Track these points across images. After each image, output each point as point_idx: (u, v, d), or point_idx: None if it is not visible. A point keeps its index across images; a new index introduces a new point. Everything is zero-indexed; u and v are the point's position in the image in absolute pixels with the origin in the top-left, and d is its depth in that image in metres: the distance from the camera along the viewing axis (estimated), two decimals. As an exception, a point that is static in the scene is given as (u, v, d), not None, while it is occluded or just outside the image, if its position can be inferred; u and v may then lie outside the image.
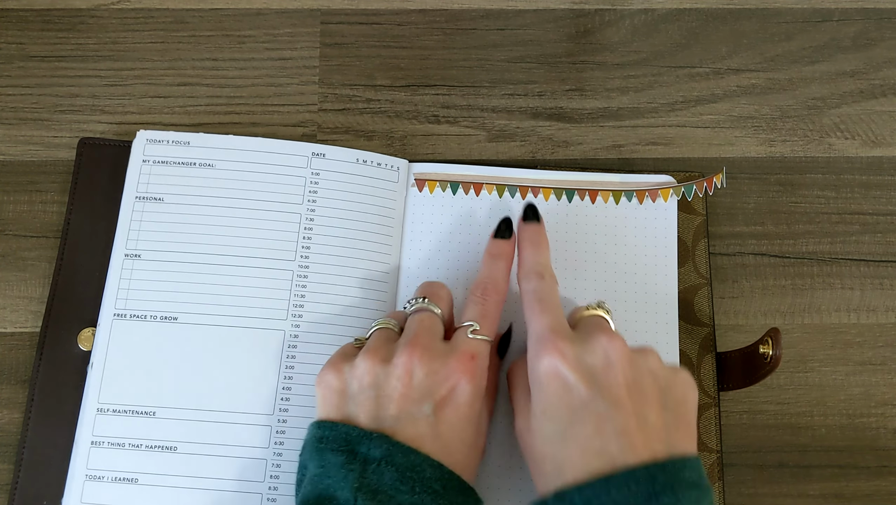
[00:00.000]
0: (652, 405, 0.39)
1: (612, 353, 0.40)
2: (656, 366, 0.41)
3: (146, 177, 0.50)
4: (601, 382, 0.39)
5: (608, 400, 0.39)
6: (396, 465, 0.38)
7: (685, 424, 0.40)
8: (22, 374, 0.50)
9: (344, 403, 0.41)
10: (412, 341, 0.42)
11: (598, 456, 0.38)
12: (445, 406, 0.41)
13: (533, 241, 0.46)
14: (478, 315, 0.44)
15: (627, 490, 0.36)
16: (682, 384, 0.41)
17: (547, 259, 0.46)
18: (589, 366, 0.40)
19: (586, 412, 0.39)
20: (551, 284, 0.44)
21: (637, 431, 0.38)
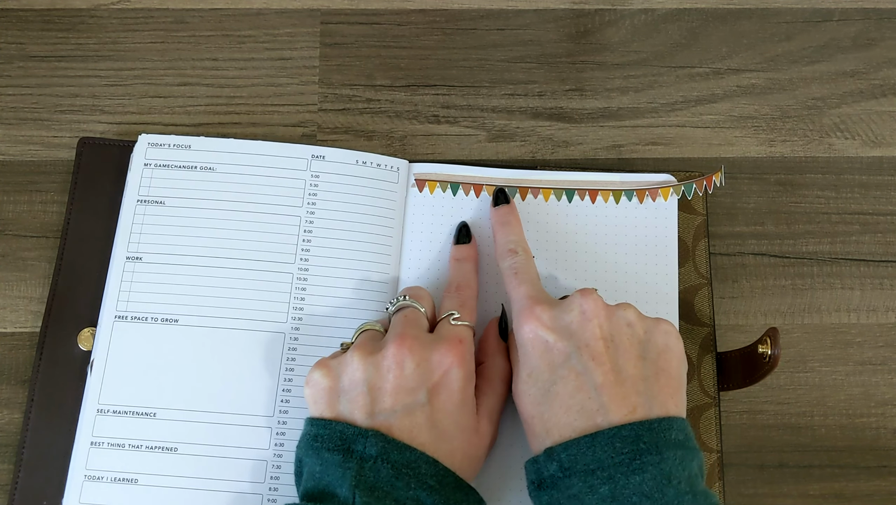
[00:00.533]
0: (629, 356, 0.40)
1: (588, 308, 0.41)
2: (634, 318, 0.42)
3: (147, 180, 0.50)
4: (578, 337, 0.40)
5: (586, 355, 0.40)
6: (392, 462, 0.38)
7: (666, 375, 0.40)
8: (22, 374, 0.50)
9: (335, 401, 0.41)
10: (400, 334, 0.42)
11: (580, 413, 0.39)
12: (439, 392, 0.41)
13: (504, 222, 0.48)
14: (456, 305, 0.45)
15: (612, 448, 0.37)
16: (663, 334, 0.42)
17: (519, 236, 0.48)
18: (566, 324, 0.41)
19: (566, 369, 0.40)
20: (525, 258, 0.46)
21: (615, 384, 0.39)
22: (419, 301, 0.45)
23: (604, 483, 0.37)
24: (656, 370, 0.40)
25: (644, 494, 0.36)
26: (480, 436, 0.43)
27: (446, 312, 0.44)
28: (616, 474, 0.37)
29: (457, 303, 0.45)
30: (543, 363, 0.41)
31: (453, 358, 0.42)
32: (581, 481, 0.37)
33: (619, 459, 0.37)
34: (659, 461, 0.37)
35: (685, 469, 0.37)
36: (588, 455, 0.38)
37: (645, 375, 0.40)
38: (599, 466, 0.37)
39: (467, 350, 0.43)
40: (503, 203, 0.50)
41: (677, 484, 0.37)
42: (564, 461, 0.38)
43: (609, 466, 0.37)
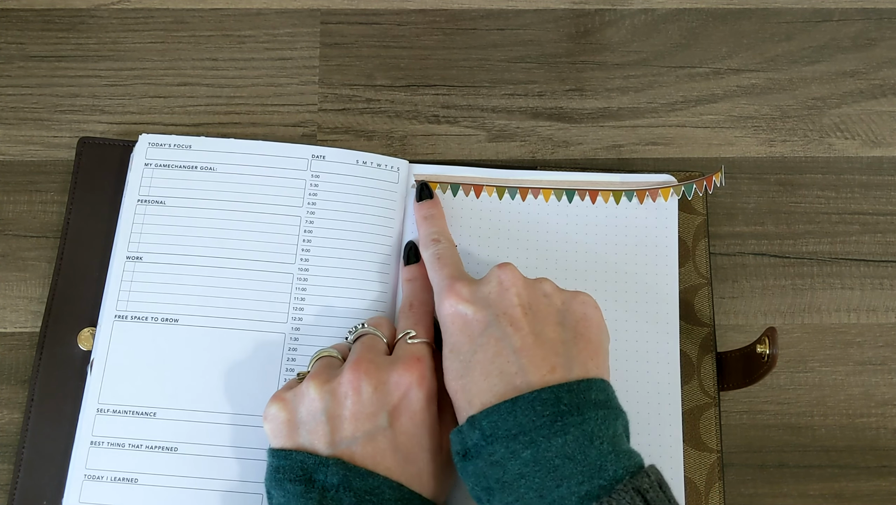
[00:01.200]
0: (548, 322, 0.40)
1: (506, 278, 0.42)
2: (551, 289, 0.42)
3: (148, 180, 0.50)
4: (496, 306, 0.41)
5: (505, 321, 0.40)
6: (354, 489, 0.38)
7: (584, 339, 0.40)
8: (22, 374, 0.50)
9: (294, 432, 0.40)
10: (356, 359, 0.42)
11: (500, 377, 0.39)
12: (401, 414, 0.41)
13: (427, 216, 0.49)
14: (411, 324, 0.45)
15: (533, 412, 0.37)
16: (581, 304, 0.42)
17: (443, 228, 0.49)
18: (484, 295, 0.42)
19: (484, 337, 0.40)
20: (448, 246, 0.47)
21: (534, 346, 0.39)
22: (378, 328, 0.45)
23: (526, 447, 0.36)
24: (575, 335, 0.40)
25: (566, 456, 0.36)
26: (447, 454, 0.42)
27: (402, 332, 0.44)
28: (538, 438, 0.36)
29: (412, 321, 0.45)
30: (464, 336, 0.41)
31: (411, 378, 0.41)
32: (503, 447, 0.37)
33: (541, 421, 0.37)
34: (581, 422, 0.37)
35: (608, 428, 0.37)
36: (509, 420, 0.37)
37: (564, 338, 0.40)
38: (521, 430, 0.37)
39: (426, 368, 0.42)
40: (427, 198, 0.50)
41: (599, 444, 0.36)
42: (486, 428, 0.38)
43: (531, 430, 0.37)
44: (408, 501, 0.39)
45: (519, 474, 0.36)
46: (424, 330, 0.45)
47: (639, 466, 0.37)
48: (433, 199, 0.50)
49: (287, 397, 0.41)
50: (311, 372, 0.43)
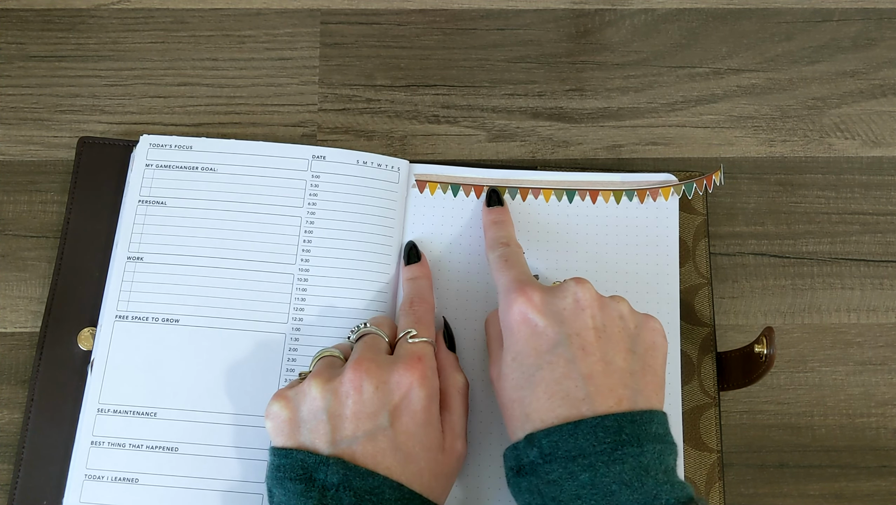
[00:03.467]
0: (619, 349, 0.40)
1: (582, 297, 0.41)
2: (626, 311, 0.42)
3: (149, 180, 0.50)
4: (569, 325, 0.40)
5: (576, 344, 0.40)
6: (354, 489, 0.38)
7: (652, 371, 0.41)
8: (22, 374, 0.50)
9: (296, 431, 0.41)
10: (357, 359, 0.42)
11: (564, 400, 0.39)
12: (402, 414, 0.41)
13: (496, 221, 0.49)
14: (412, 322, 0.45)
15: (594, 438, 0.37)
16: (651, 331, 0.42)
17: (511, 233, 0.48)
18: (558, 310, 0.41)
19: (554, 356, 0.40)
20: (516, 250, 0.46)
21: (603, 375, 0.39)
22: (380, 327, 0.45)
23: (584, 470, 0.37)
24: (643, 365, 0.40)
25: (623, 483, 0.36)
26: (447, 453, 0.42)
27: (403, 331, 0.44)
28: (597, 463, 0.37)
29: (412, 319, 0.45)
30: (529, 347, 0.41)
31: (413, 377, 0.41)
32: (561, 468, 0.37)
33: (601, 448, 0.37)
34: (639, 453, 0.37)
35: (662, 463, 0.38)
36: (570, 442, 0.37)
37: (632, 368, 0.40)
38: (580, 453, 0.37)
39: (427, 367, 0.42)
40: (496, 204, 0.50)
41: (655, 474, 0.37)
42: (545, 447, 0.38)
43: (590, 455, 0.37)
44: (408, 500, 0.39)
45: (575, 495, 0.37)
46: (426, 330, 0.45)
47: (689, 497, 0.37)
48: (503, 206, 0.50)
49: (289, 396, 0.41)
50: (312, 371, 0.43)
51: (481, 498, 0.46)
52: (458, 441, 0.43)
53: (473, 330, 0.49)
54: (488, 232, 0.49)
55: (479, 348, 0.48)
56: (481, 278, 0.50)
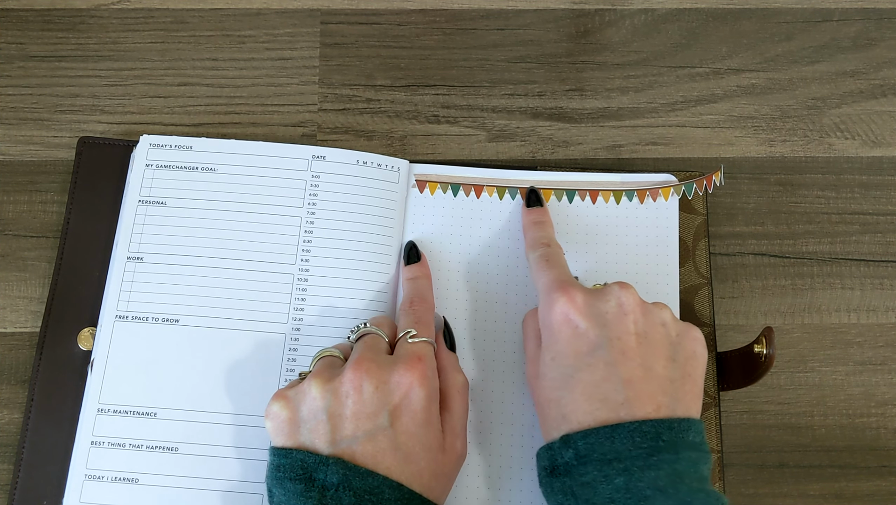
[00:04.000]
0: (660, 357, 0.40)
1: (626, 301, 0.41)
2: (669, 318, 0.42)
3: (149, 180, 0.50)
4: (612, 329, 0.40)
5: (617, 348, 0.40)
6: (354, 489, 0.38)
7: (691, 380, 0.40)
8: (22, 374, 0.50)
9: (296, 431, 0.41)
10: (357, 359, 0.42)
11: (603, 403, 0.39)
12: (401, 414, 0.41)
13: (537, 221, 0.49)
14: (412, 322, 0.45)
15: (631, 442, 0.37)
16: (692, 340, 0.42)
17: (551, 234, 0.48)
18: (601, 313, 0.41)
19: (594, 358, 0.40)
20: (557, 250, 0.46)
21: (642, 381, 0.39)
22: (380, 327, 0.45)
23: (619, 474, 0.37)
24: (683, 374, 0.40)
25: (658, 489, 0.36)
26: (447, 453, 0.42)
27: (403, 331, 0.44)
28: (632, 467, 0.37)
29: (412, 319, 0.45)
30: (570, 348, 0.41)
31: (412, 377, 0.41)
32: (596, 470, 0.37)
33: (637, 452, 0.37)
34: (674, 460, 0.37)
35: (696, 471, 0.38)
36: (606, 445, 0.38)
37: (672, 376, 0.40)
38: (616, 456, 0.37)
39: (427, 367, 0.42)
40: (536, 205, 0.50)
41: (689, 482, 0.37)
42: (581, 449, 0.38)
43: (626, 459, 0.37)
44: (408, 500, 0.39)
45: (609, 499, 0.37)
46: (426, 330, 0.45)
47: None
48: (543, 207, 0.50)
49: (289, 395, 0.41)
50: (312, 371, 0.43)
51: (481, 498, 0.46)
52: (458, 441, 0.43)
53: (473, 330, 0.49)
54: (528, 232, 0.49)
55: (480, 348, 0.48)
56: (481, 278, 0.50)
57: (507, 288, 0.50)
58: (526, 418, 0.47)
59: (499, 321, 0.49)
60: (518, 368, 0.48)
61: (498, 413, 0.47)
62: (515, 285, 0.50)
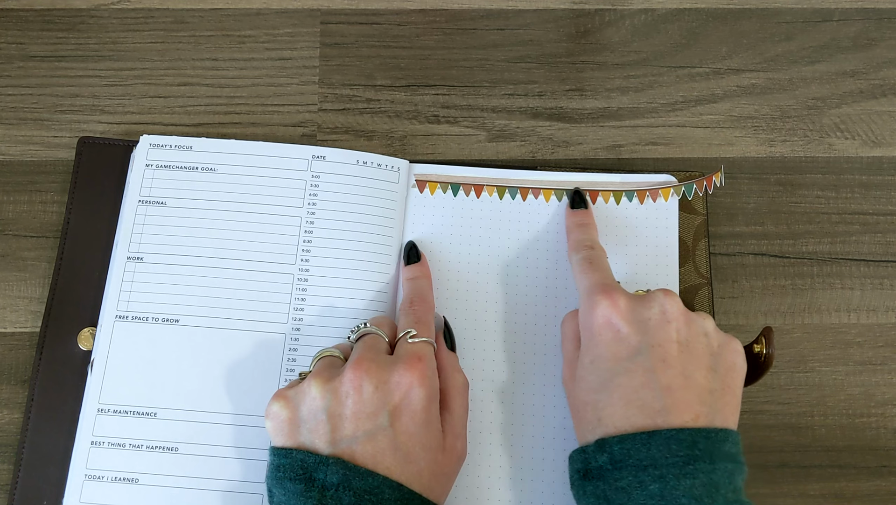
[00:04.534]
0: (700, 366, 0.40)
1: (669, 309, 0.41)
2: (711, 329, 0.42)
3: (149, 181, 0.50)
4: (653, 335, 0.40)
5: (657, 355, 0.39)
6: (354, 489, 0.38)
7: (730, 392, 0.40)
8: (22, 374, 0.50)
9: (296, 431, 0.41)
10: (357, 358, 0.42)
11: (640, 409, 0.39)
12: (401, 414, 0.41)
13: (581, 224, 0.49)
14: (412, 322, 0.45)
15: (667, 449, 0.37)
16: (732, 352, 0.42)
17: (595, 237, 0.48)
18: (643, 319, 0.41)
19: (634, 364, 0.39)
20: (601, 253, 0.46)
21: (682, 389, 0.39)
22: (380, 327, 0.45)
23: (655, 481, 0.37)
24: (723, 385, 0.40)
25: (694, 498, 0.36)
26: (447, 454, 0.42)
27: (403, 331, 0.44)
28: (668, 474, 0.37)
29: (412, 319, 0.45)
30: (609, 351, 0.41)
31: (412, 377, 0.41)
32: (631, 476, 0.37)
33: (673, 460, 0.37)
34: (711, 470, 0.37)
35: (732, 482, 0.38)
36: (642, 451, 0.37)
37: (712, 387, 0.40)
38: (652, 463, 0.37)
39: (427, 367, 0.42)
40: (581, 207, 0.50)
41: (724, 493, 0.37)
42: (616, 454, 0.38)
43: (662, 466, 0.37)
44: (407, 500, 0.39)
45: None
46: (426, 330, 0.45)
47: None
48: (587, 208, 0.50)
49: (289, 395, 0.41)
50: (312, 371, 0.43)
51: (481, 498, 0.46)
52: (458, 441, 0.43)
53: (474, 330, 0.49)
54: (572, 234, 0.49)
55: (480, 348, 0.48)
56: (481, 278, 0.50)
57: (507, 287, 0.50)
58: (526, 418, 0.47)
59: (499, 321, 0.49)
60: (518, 367, 0.48)
61: (496, 414, 0.47)
62: (515, 285, 0.50)
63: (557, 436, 0.47)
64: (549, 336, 0.49)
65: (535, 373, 0.48)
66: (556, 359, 0.48)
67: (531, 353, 0.48)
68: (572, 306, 0.49)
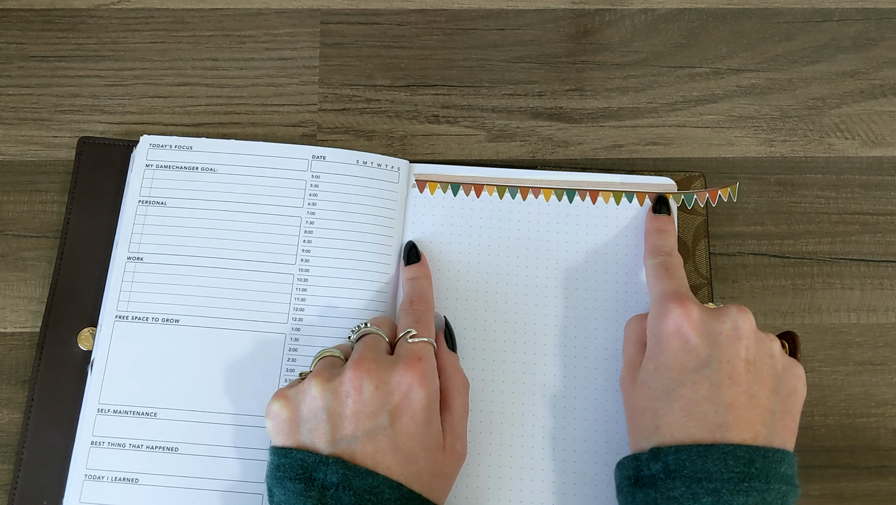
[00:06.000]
0: (764, 386, 0.40)
1: (742, 325, 0.41)
2: (777, 351, 0.42)
3: (149, 181, 0.50)
4: (723, 350, 0.40)
5: (725, 371, 0.39)
6: (354, 489, 0.38)
7: (790, 415, 0.40)
8: (22, 374, 0.50)
9: (296, 430, 0.41)
10: (357, 358, 0.41)
11: (701, 422, 0.39)
12: (402, 414, 0.41)
13: (660, 229, 0.49)
14: (412, 322, 0.45)
15: (724, 464, 0.37)
16: (795, 377, 0.42)
17: (674, 243, 0.48)
18: (714, 332, 0.41)
19: (700, 376, 0.39)
20: (677, 261, 0.46)
21: (745, 407, 0.39)
22: (380, 327, 0.45)
23: (708, 494, 0.37)
24: (784, 408, 0.40)
25: None
26: (448, 454, 0.42)
27: (403, 331, 0.44)
28: (722, 489, 0.37)
29: (412, 319, 0.45)
30: (676, 361, 0.41)
31: (413, 377, 0.41)
32: (684, 487, 0.37)
33: (729, 476, 0.37)
34: (765, 490, 0.37)
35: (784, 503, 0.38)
36: (698, 463, 0.38)
37: (773, 408, 0.40)
38: (707, 476, 0.37)
39: (427, 367, 0.42)
40: (665, 212, 0.50)
41: None
42: (671, 463, 0.38)
43: (717, 480, 0.37)
44: (407, 500, 0.39)
45: None
46: (425, 329, 0.45)
47: None
48: (669, 216, 0.50)
49: (289, 395, 0.41)
50: (313, 371, 0.43)
51: (481, 498, 0.46)
52: (458, 441, 0.43)
53: (474, 330, 0.49)
54: (650, 238, 0.49)
55: (480, 348, 0.48)
56: (481, 278, 0.50)
57: (507, 287, 0.50)
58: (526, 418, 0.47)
59: (499, 320, 0.49)
60: (518, 367, 0.48)
61: (497, 414, 0.47)
62: (515, 284, 0.50)
63: (557, 436, 0.47)
64: (550, 336, 0.49)
65: (535, 373, 0.48)
66: (555, 358, 0.48)
67: (531, 353, 0.48)
68: (572, 305, 0.49)
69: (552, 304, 0.49)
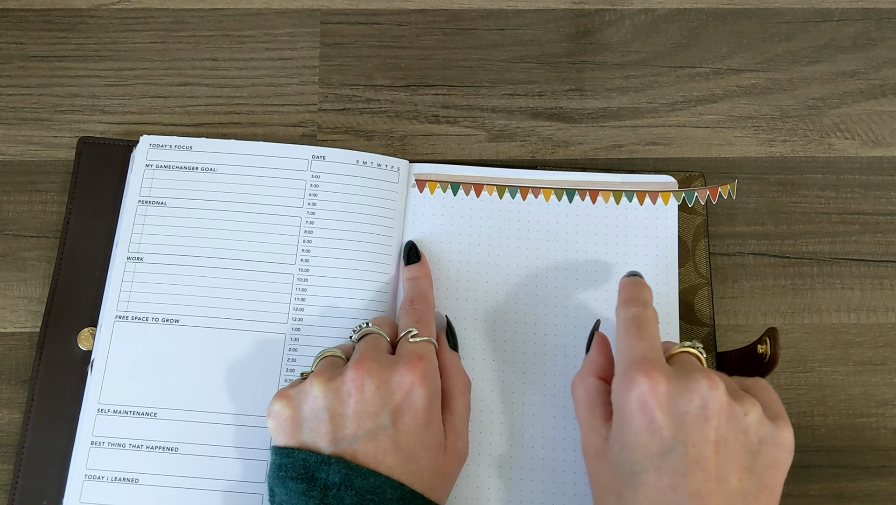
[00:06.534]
0: (735, 468, 0.37)
1: (711, 403, 0.37)
2: (754, 423, 0.38)
3: (149, 181, 0.50)
4: (689, 433, 0.37)
5: (691, 456, 0.37)
6: (356, 488, 0.38)
7: (767, 491, 0.38)
8: (22, 374, 0.50)
9: (297, 430, 0.40)
10: (359, 358, 0.41)
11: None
12: (403, 413, 0.41)
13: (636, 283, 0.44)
14: (413, 321, 0.44)
15: None
16: (775, 447, 0.39)
17: (650, 297, 0.43)
18: (681, 411, 0.37)
19: (664, 463, 0.37)
20: (652, 316, 0.42)
21: (714, 495, 0.36)
22: (381, 327, 0.45)
23: None
24: (759, 486, 0.38)
25: None
26: (449, 453, 0.42)
27: (404, 331, 0.44)
28: None
29: (413, 318, 0.45)
30: (639, 442, 0.38)
31: (414, 377, 0.41)
32: None
33: None
34: None
35: None
36: None
37: (746, 490, 0.37)
38: None
39: (429, 366, 0.42)
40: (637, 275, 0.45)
41: None
42: None
43: None
44: (409, 500, 0.39)
45: None
46: (426, 329, 0.44)
47: None
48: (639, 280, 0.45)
49: (291, 395, 0.41)
50: (314, 370, 0.43)
51: (481, 498, 0.46)
52: (459, 441, 0.43)
53: (474, 330, 0.49)
54: (626, 289, 0.44)
55: (480, 348, 0.48)
56: (481, 277, 0.50)
57: (507, 287, 0.50)
58: (527, 418, 0.47)
59: (499, 320, 0.49)
60: (519, 367, 0.48)
61: (498, 414, 0.47)
62: (516, 284, 0.50)
63: (558, 436, 0.47)
64: (550, 336, 0.49)
65: (535, 372, 0.48)
66: (556, 359, 0.48)
67: (532, 353, 0.48)
68: (572, 305, 0.49)
69: (553, 303, 0.49)
